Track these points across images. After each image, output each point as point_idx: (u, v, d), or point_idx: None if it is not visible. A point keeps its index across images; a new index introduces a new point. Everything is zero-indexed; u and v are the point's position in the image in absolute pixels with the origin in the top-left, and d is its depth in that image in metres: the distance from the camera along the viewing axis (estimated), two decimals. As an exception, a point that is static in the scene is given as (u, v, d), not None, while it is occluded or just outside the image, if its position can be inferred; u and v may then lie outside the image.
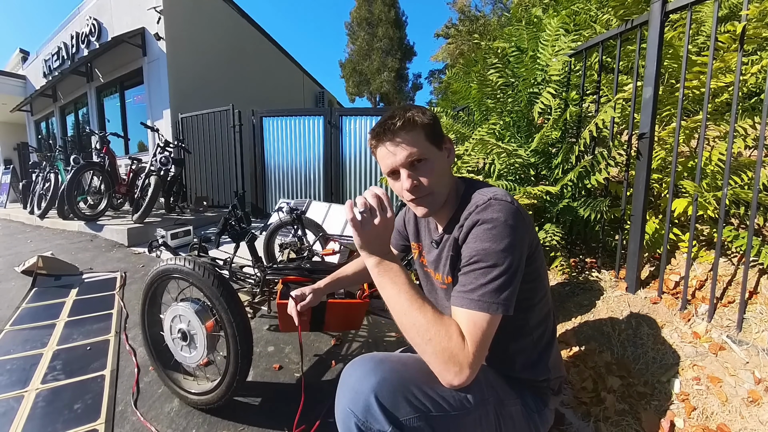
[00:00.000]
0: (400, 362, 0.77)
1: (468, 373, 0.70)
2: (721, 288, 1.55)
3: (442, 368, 0.71)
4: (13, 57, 11.46)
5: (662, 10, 1.61)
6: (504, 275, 0.75)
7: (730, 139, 1.39)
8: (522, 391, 0.92)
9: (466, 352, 0.71)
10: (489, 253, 0.76)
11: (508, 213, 0.79)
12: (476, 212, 0.81)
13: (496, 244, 0.76)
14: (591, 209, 1.92)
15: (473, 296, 0.75)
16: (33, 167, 6.49)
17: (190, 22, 7.17)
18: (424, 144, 0.86)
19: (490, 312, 0.74)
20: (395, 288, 0.77)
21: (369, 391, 0.69)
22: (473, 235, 0.80)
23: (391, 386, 0.71)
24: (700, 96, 1.95)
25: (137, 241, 4.12)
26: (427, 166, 0.87)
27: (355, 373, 0.75)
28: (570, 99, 2.29)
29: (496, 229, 0.77)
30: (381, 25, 22.20)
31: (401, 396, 0.70)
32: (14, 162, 11.91)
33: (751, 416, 1.13)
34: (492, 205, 0.80)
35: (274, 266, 1.62)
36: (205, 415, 1.43)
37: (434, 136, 0.88)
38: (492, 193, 0.84)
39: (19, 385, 1.64)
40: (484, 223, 0.79)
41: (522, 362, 0.93)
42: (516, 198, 0.92)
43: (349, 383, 0.74)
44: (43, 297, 2.63)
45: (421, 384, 0.73)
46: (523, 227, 0.80)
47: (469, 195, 0.88)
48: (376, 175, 5.11)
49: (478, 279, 0.76)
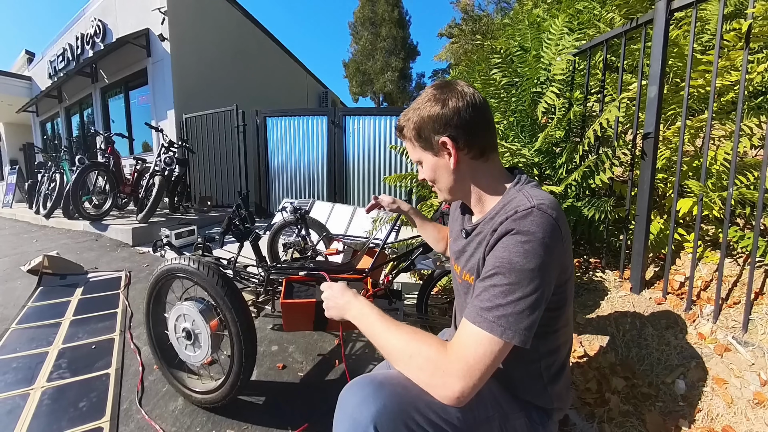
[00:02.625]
0: (400, 385, 0.71)
1: (458, 385, 0.65)
2: (726, 289, 1.54)
3: (429, 382, 0.68)
4: (19, 58, 11.57)
5: (667, 8, 1.60)
6: (526, 298, 0.67)
7: (736, 138, 1.38)
8: (526, 404, 0.86)
9: (454, 361, 0.67)
10: (515, 269, 0.68)
11: (547, 229, 0.70)
12: (513, 218, 0.72)
13: (525, 261, 0.68)
14: (595, 209, 1.91)
15: (488, 316, 0.68)
16: (38, 167, 6.55)
17: (194, 23, 7.20)
18: (416, 150, 0.88)
19: (504, 338, 0.67)
20: (368, 325, 0.80)
21: (368, 422, 0.65)
22: (503, 244, 0.72)
23: (392, 414, 0.66)
24: (705, 95, 1.93)
25: (142, 241, 4.15)
26: (426, 169, 0.89)
27: (354, 398, 0.70)
28: (574, 98, 2.28)
29: (529, 245, 0.68)
30: (384, 25, 22.18)
31: (402, 424, 0.66)
32: (20, 162, 12.02)
33: (756, 418, 1.12)
34: (533, 215, 0.71)
35: (278, 266, 1.63)
36: (209, 414, 1.44)
37: (424, 141, 0.86)
38: (538, 200, 0.73)
39: (25, 383, 1.65)
40: (519, 233, 0.70)
41: (524, 388, 0.86)
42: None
43: (347, 410, 0.69)
44: (49, 296, 2.65)
45: (423, 408, 0.69)
46: (560, 248, 0.72)
47: (514, 194, 0.80)
48: (379, 174, 5.11)
49: (497, 297, 0.68)
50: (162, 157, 4.76)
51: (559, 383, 0.87)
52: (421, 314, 1.83)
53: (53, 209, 5.29)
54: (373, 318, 0.80)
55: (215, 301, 1.33)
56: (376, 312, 0.81)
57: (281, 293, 1.42)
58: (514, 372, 0.85)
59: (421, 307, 1.83)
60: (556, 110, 2.24)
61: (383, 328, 0.77)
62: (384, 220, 2.86)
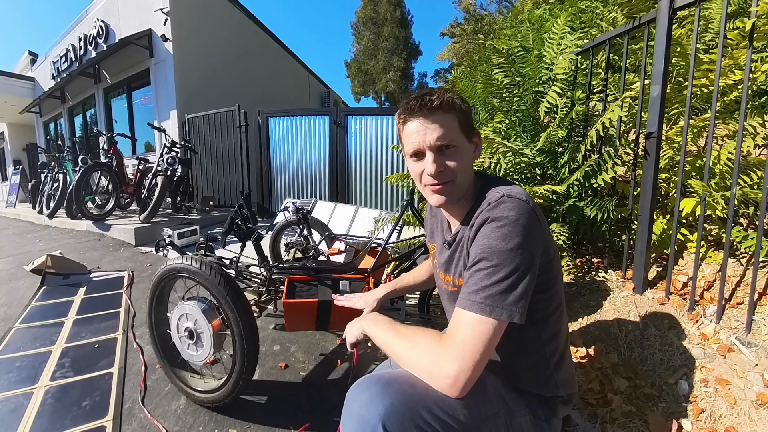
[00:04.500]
0: (407, 383, 0.71)
1: (452, 368, 0.67)
2: (729, 289, 1.54)
3: (428, 370, 0.71)
4: (22, 59, 11.60)
5: (670, 7, 1.60)
6: (511, 276, 0.70)
7: (739, 137, 1.37)
8: (531, 400, 0.87)
9: (447, 346, 0.70)
10: (495, 251, 0.71)
11: (521, 211, 0.73)
12: (487, 209, 0.76)
13: (504, 243, 0.71)
14: (597, 209, 1.90)
15: (476, 298, 0.71)
16: (42, 168, 6.59)
17: (197, 23, 7.22)
18: (456, 131, 0.82)
19: (493, 316, 0.69)
20: (378, 330, 0.87)
21: (377, 420, 0.65)
22: (482, 233, 0.75)
23: (400, 412, 0.66)
24: (708, 94, 1.93)
25: (144, 241, 4.16)
26: (456, 154, 0.82)
27: (361, 397, 0.70)
28: (576, 98, 2.28)
29: (505, 228, 0.72)
30: (386, 25, 22.17)
31: (410, 422, 0.66)
32: (23, 162, 12.09)
33: (760, 419, 1.12)
34: (504, 202, 0.75)
35: (280, 265, 1.63)
36: (212, 413, 1.44)
37: (467, 126, 0.84)
38: (506, 189, 0.78)
39: (29, 382, 1.66)
40: (494, 220, 0.73)
41: (529, 378, 0.88)
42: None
43: (355, 410, 0.69)
44: (52, 295, 2.67)
45: (431, 405, 0.69)
46: (537, 228, 0.75)
47: (485, 192, 0.82)
48: (381, 174, 5.11)
49: (482, 280, 0.71)
50: (164, 157, 4.77)
51: (564, 369, 0.90)
52: (423, 314, 1.83)
53: (56, 209, 5.32)
54: (380, 321, 0.89)
55: (218, 300, 1.34)
56: (383, 318, 0.90)
57: (283, 293, 1.43)
58: (520, 363, 0.87)
59: (422, 307, 1.83)
60: (558, 110, 2.24)
61: (390, 328, 0.84)
62: (386, 221, 2.86)
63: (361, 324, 0.95)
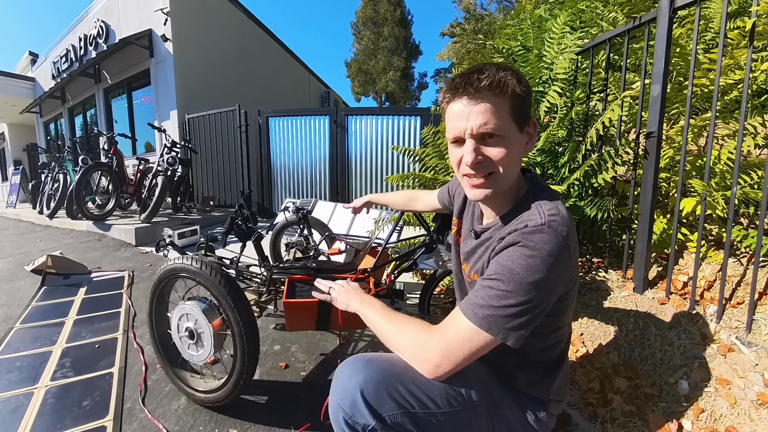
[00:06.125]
0: (387, 362, 0.78)
1: (436, 358, 0.72)
2: (730, 289, 1.54)
3: (412, 354, 0.76)
4: (23, 60, 11.61)
5: (670, 7, 1.60)
6: (520, 306, 0.69)
7: (740, 137, 1.37)
8: (520, 394, 0.87)
9: (436, 338, 0.74)
10: (514, 279, 0.69)
11: (555, 247, 0.69)
12: (522, 232, 0.72)
13: (526, 274, 0.68)
14: (598, 208, 1.90)
15: (479, 311, 0.70)
16: (42, 168, 6.59)
17: (197, 24, 7.22)
18: (505, 118, 0.73)
19: (489, 333, 0.69)
20: (369, 312, 0.90)
21: (355, 388, 0.72)
22: (508, 253, 0.72)
23: (377, 383, 0.72)
24: (708, 93, 1.93)
25: (145, 241, 4.16)
26: (500, 145, 0.73)
27: (346, 371, 0.77)
28: (576, 97, 2.27)
29: (533, 260, 0.68)
30: (387, 25, 22.18)
31: (386, 393, 0.72)
32: (24, 163, 12.11)
33: (760, 419, 1.12)
34: (542, 232, 0.70)
35: (281, 265, 1.63)
36: (212, 413, 1.44)
37: (521, 113, 0.75)
38: (549, 215, 0.73)
39: (29, 382, 1.66)
40: (525, 247, 0.70)
41: (519, 378, 0.88)
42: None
43: (339, 381, 0.76)
44: (53, 295, 2.67)
45: (407, 382, 0.74)
46: (567, 264, 0.71)
47: (530, 201, 0.78)
48: (381, 174, 5.11)
49: (492, 299, 0.70)
50: (165, 157, 4.78)
51: (557, 376, 0.88)
52: (424, 314, 1.83)
53: (57, 209, 5.32)
54: (375, 304, 0.92)
55: (218, 300, 1.34)
56: (378, 302, 0.93)
57: (284, 293, 1.43)
58: (508, 361, 0.87)
59: (423, 306, 1.83)
60: (558, 109, 2.24)
61: (382, 311, 0.88)
62: (386, 220, 2.86)
63: (356, 305, 0.97)
